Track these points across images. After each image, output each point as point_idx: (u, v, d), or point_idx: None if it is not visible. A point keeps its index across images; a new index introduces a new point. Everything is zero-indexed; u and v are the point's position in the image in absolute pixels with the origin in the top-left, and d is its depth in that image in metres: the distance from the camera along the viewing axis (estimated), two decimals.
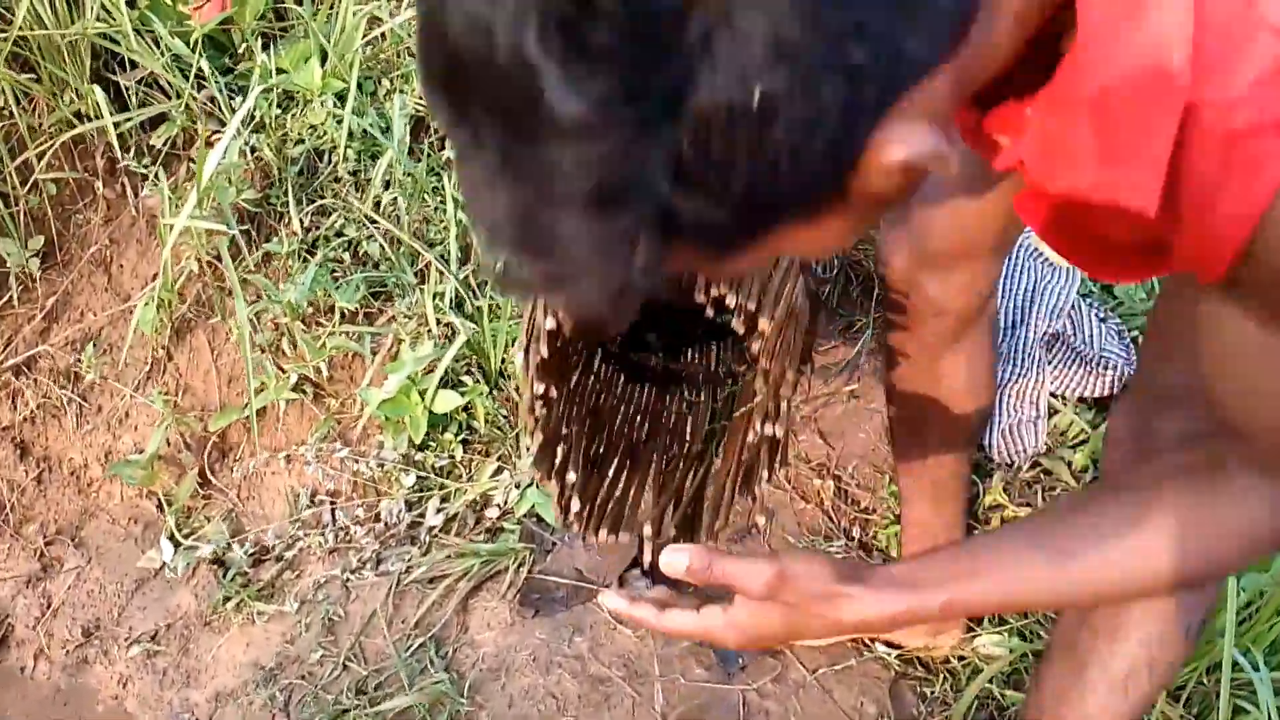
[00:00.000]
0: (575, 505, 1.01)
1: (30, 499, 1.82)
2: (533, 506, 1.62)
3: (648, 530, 1.01)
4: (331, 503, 1.72)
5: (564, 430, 1.07)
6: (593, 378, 1.20)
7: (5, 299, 1.89)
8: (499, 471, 1.66)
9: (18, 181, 1.86)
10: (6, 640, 1.69)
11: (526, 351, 0.98)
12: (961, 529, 1.40)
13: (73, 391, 1.85)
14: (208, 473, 1.80)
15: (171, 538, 1.74)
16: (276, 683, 1.51)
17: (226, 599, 1.64)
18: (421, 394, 1.64)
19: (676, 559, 0.75)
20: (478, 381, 1.68)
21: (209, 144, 1.73)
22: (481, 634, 1.50)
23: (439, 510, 1.65)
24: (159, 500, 1.79)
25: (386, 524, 1.67)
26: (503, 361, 1.70)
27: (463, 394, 1.65)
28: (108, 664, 1.64)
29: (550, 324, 0.95)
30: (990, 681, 1.39)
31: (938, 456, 1.31)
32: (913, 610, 0.73)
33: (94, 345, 1.86)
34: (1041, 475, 1.59)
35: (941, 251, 1.11)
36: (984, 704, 1.39)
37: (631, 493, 1.10)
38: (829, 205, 0.54)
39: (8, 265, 1.88)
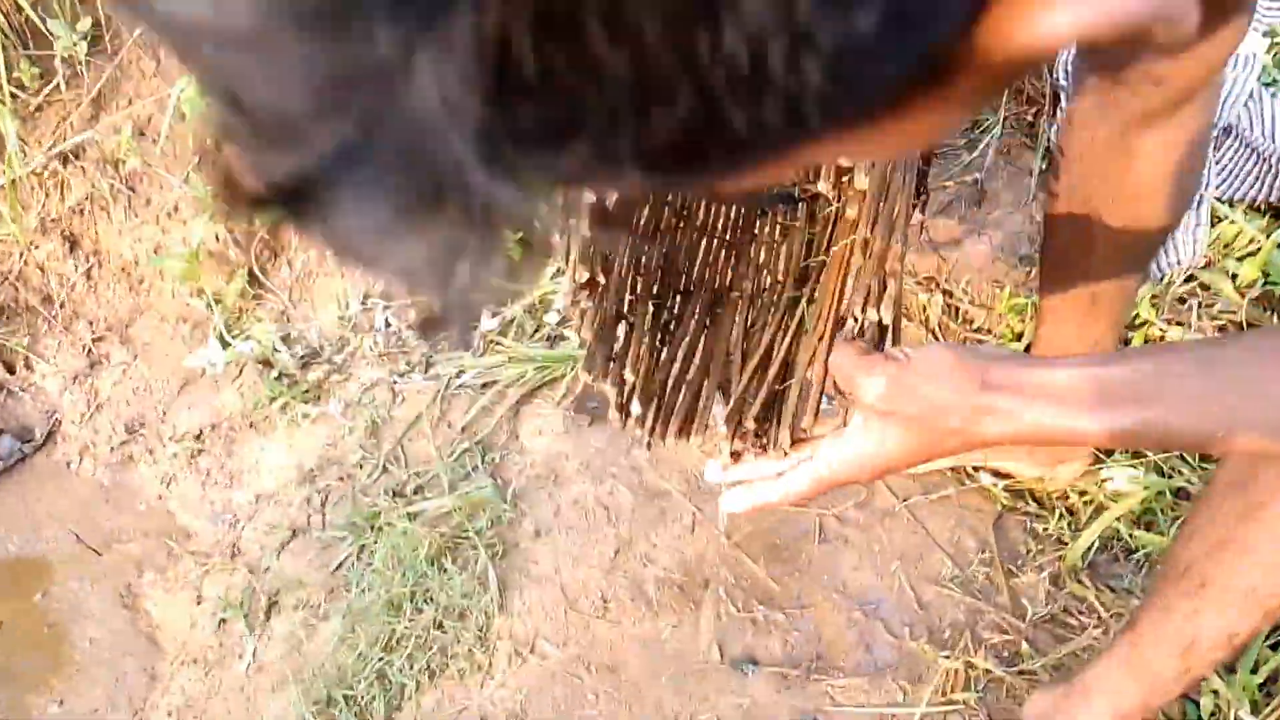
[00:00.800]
0: (636, 408, 0.80)
1: (80, 294, 1.74)
2: None
3: (724, 427, 0.80)
4: (385, 305, 1.58)
5: (624, 301, 0.85)
6: (666, 209, 0.98)
7: (53, 84, 1.78)
8: (559, 274, 1.49)
9: None
10: (53, 435, 1.62)
11: (564, 234, 0.78)
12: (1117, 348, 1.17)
13: (121, 183, 1.74)
14: (257, 273, 1.68)
15: (220, 337, 1.64)
16: (314, 484, 1.40)
17: (272, 399, 1.54)
18: None
19: None
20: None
21: None
22: (532, 440, 1.35)
23: (494, 314, 1.50)
24: (208, 300, 1.68)
25: None
26: None
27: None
28: (151, 462, 1.56)
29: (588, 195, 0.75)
30: (1118, 520, 1.18)
31: (1107, 263, 1.06)
32: (1074, 431, 0.61)
33: (142, 133, 1.74)
34: (1199, 290, 1.33)
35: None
36: (1107, 545, 1.18)
37: (706, 375, 0.88)
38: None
39: (54, 48, 1.76)
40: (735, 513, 0.74)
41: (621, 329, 0.81)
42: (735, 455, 0.75)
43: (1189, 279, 1.35)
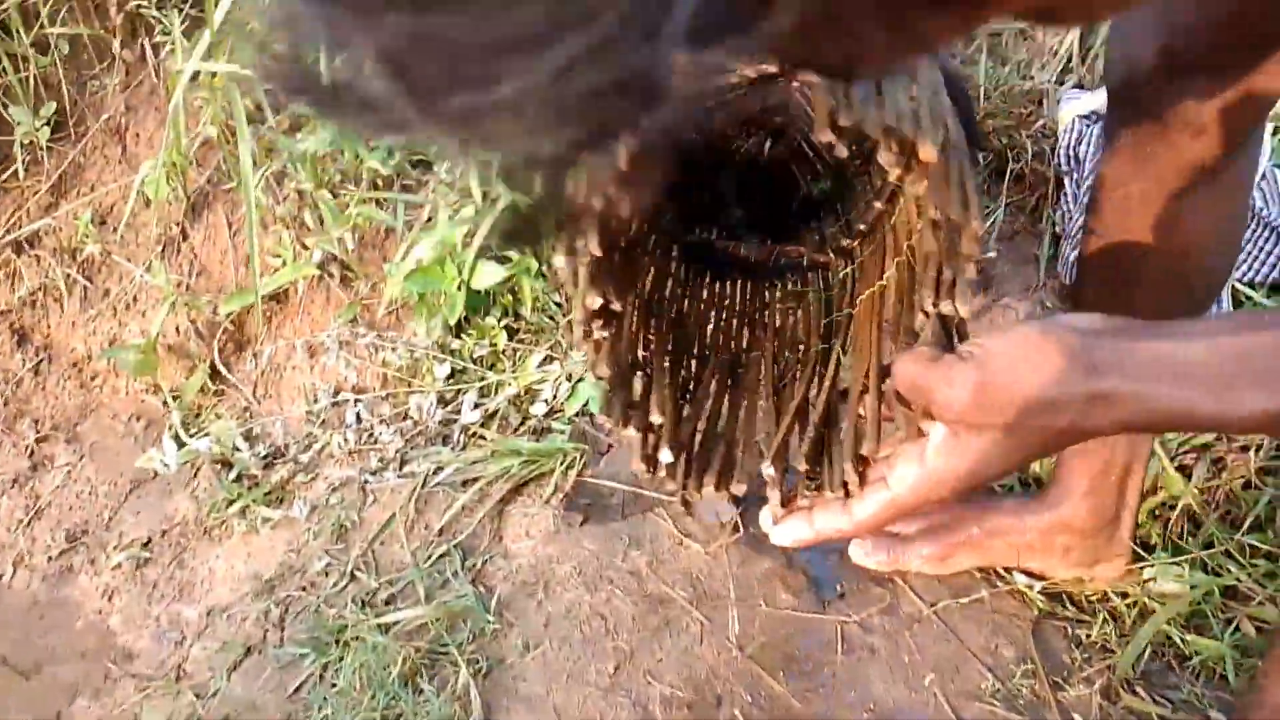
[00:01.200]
0: (666, 455, 0.70)
1: (26, 391, 1.61)
2: (586, 404, 1.35)
3: (770, 471, 0.69)
4: (355, 399, 1.47)
5: (638, 354, 0.77)
6: (670, 280, 0.90)
7: (10, 171, 1.69)
8: (547, 362, 1.39)
9: (29, 41, 1.66)
10: None
11: (571, 253, 0.69)
12: (1148, 447, 1.08)
13: (77, 272, 1.64)
14: (220, 366, 1.57)
15: (176, 437, 1.52)
16: (273, 595, 1.26)
17: (229, 503, 1.40)
18: (460, 268, 1.37)
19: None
20: (525, 255, 1.41)
21: None
22: (518, 543, 1.22)
23: (476, 405, 1.39)
24: (165, 396, 1.56)
25: (415, 421, 1.41)
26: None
27: (507, 269, 1.38)
28: (93, 574, 1.41)
29: (598, 203, 0.66)
30: (1167, 624, 1.06)
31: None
32: (1217, 417, 0.51)
33: (104, 221, 1.65)
34: None
35: (1208, 49, 0.79)
36: (1159, 652, 1.07)
37: (739, 426, 0.79)
38: None
39: (14, 134, 1.68)
40: (787, 546, 0.64)
41: (639, 380, 0.71)
42: (787, 503, 0.64)
43: None
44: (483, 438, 1.36)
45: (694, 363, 0.83)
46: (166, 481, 1.48)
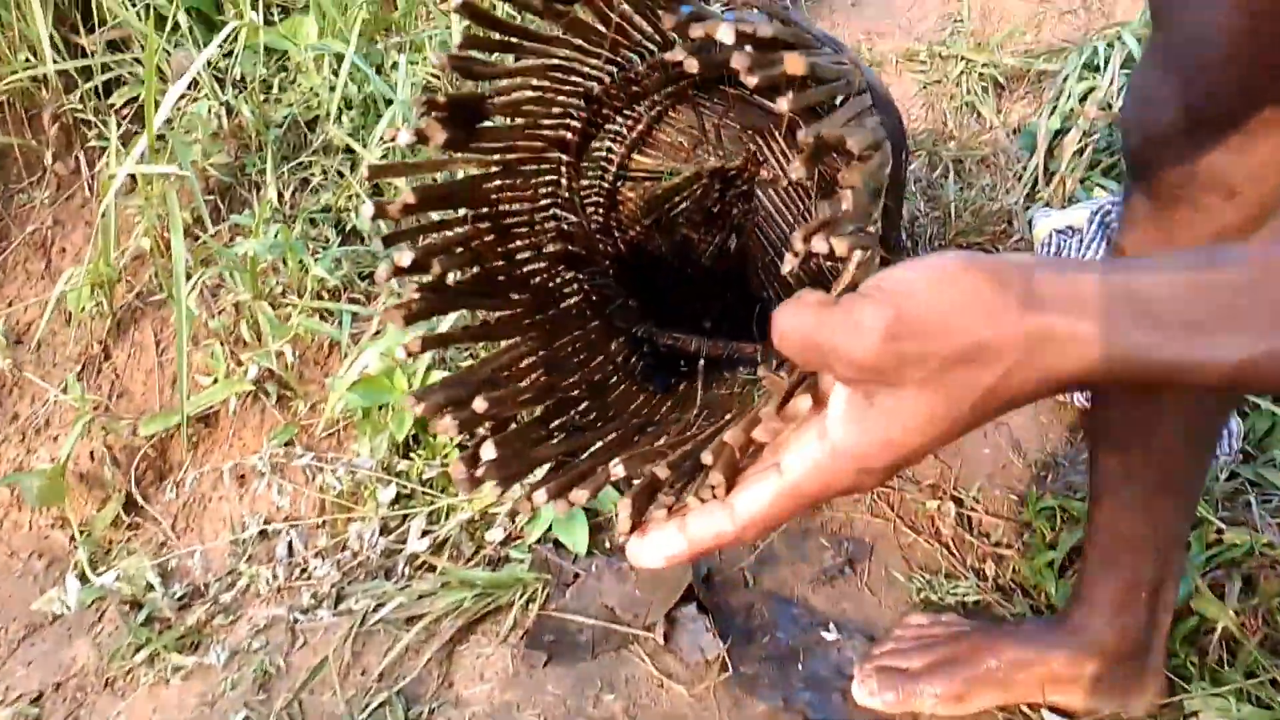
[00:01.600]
0: (489, 451, 0.54)
1: None
2: (549, 529, 1.21)
3: (619, 469, 0.54)
4: (289, 529, 1.31)
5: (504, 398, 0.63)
6: (603, 359, 0.80)
7: None
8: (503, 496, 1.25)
9: None
10: None
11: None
12: (1180, 559, 0.97)
13: None
14: (137, 496, 1.41)
15: (81, 574, 1.34)
16: None
17: (137, 649, 1.22)
18: (410, 379, 1.25)
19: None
20: (474, 358, 1.30)
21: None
22: (471, 688, 1.06)
23: (424, 533, 1.24)
24: (73, 530, 1.39)
25: (354, 552, 1.26)
26: None
27: None
28: None
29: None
30: None
31: (1179, 429, 0.87)
32: (1181, 363, 0.39)
33: (19, 340, 1.51)
34: (1246, 486, 1.16)
35: (1234, 107, 0.72)
36: None
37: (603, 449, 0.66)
38: None
39: None
40: (655, 566, 0.48)
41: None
42: (638, 527, 0.50)
43: (1231, 475, 1.18)
44: (431, 568, 1.21)
45: (589, 417, 0.71)
46: (66, 625, 1.29)
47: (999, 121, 1.76)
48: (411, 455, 1.29)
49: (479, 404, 0.53)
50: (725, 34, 0.48)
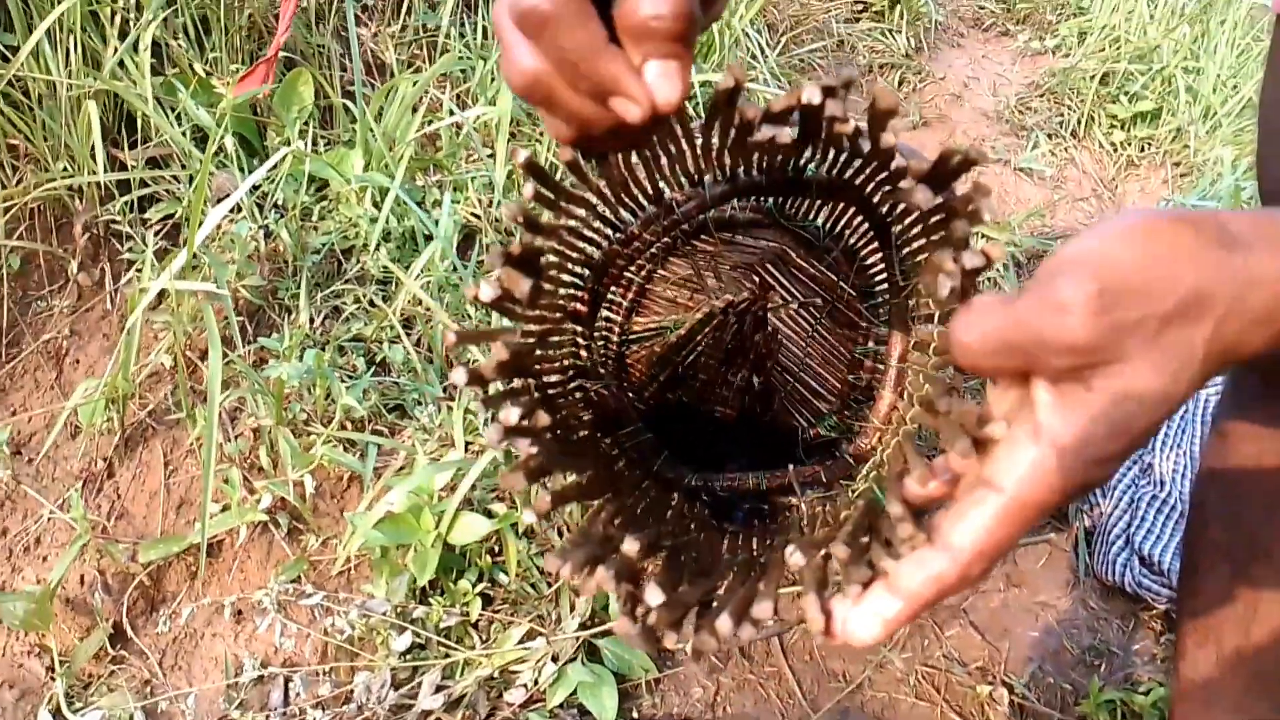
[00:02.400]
0: (655, 595, 0.49)
1: None
2: (574, 693, 1.13)
3: (799, 559, 0.49)
4: (287, 675, 1.22)
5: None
6: (668, 515, 0.77)
7: None
8: (529, 638, 1.18)
9: None
10: None
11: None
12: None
13: None
14: (126, 627, 1.31)
15: (56, 710, 1.23)
16: None
17: None
18: (437, 519, 1.19)
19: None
20: (513, 508, 1.24)
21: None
22: None
23: (438, 688, 1.15)
24: (52, 659, 1.29)
25: (360, 705, 1.16)
26: None
27: (493, 523, 1.20)
28: None
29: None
30: None
31: (1270, 616, 0.83)
32: None
33: (18, 451, 1.44)
34: None
35: None
36: None
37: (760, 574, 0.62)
38: None
39: None
40: (873, 639, 0.41)
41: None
42: (828, 618, 0.43)
43: None
44: None
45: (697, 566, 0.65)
46: None
47: None
48: (430, 601, 1.21)
49: (629, 545, 0.48)
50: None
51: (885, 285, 0.83)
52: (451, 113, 1.69)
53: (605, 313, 0.90)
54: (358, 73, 1.69)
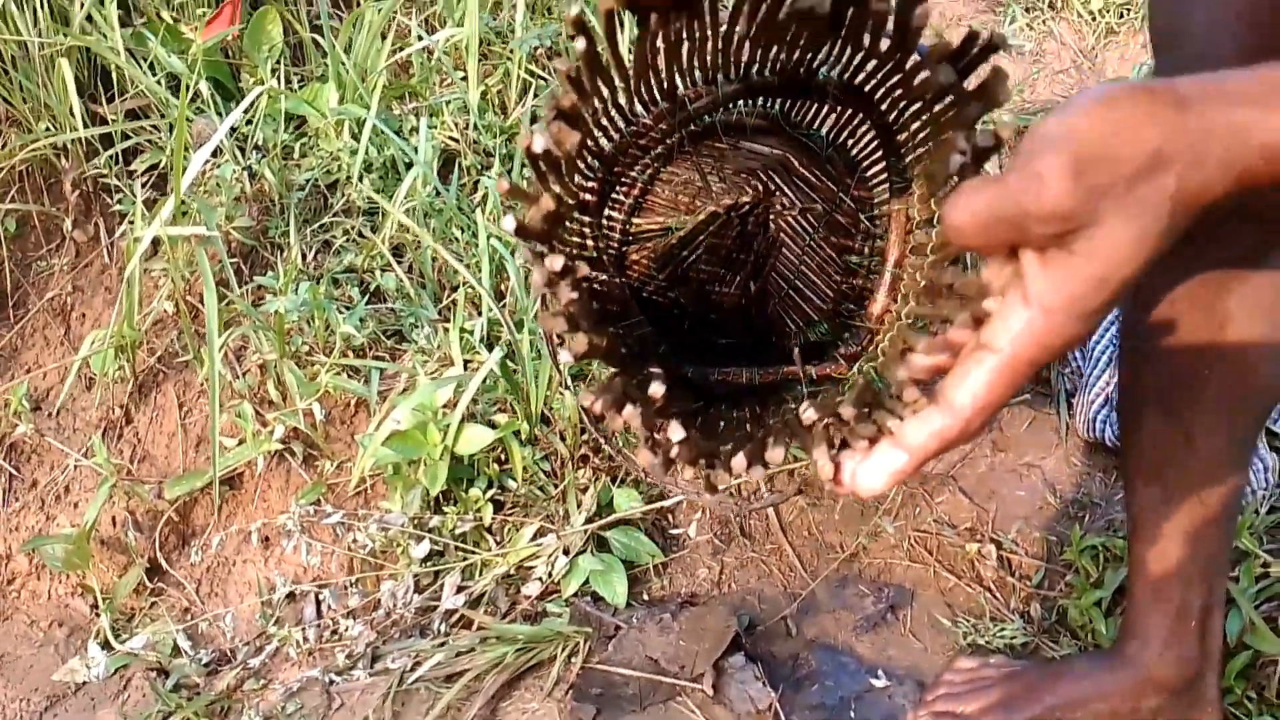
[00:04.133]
0: (677, 431, 0.53)
1: None
2: (587, 581, 1.19)
3: (811, 414, 0.53)
4: (317, 590, 1.29)
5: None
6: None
7: None
8: (540, 535, 1.24)
9: None
10: None
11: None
12: (1223, 584, 0.96)
13: (4, 459, 1.46)
14: (161, 561, 1.38)
15: (104, 643, 1.31)
16: None
17: (166, 716, 1.19)
18: (443, 432, 1.25)
19: None
20: (514, 418, 1.29)
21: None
22: None
23: (459, 589, 1.22)
24: (95, 596, 1.36)
25: (388, 611, 1.23)
26: (546, 404, 1.32)
27: (497, 432, 1.25)
28: None
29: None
30: None
31: (1213, 459, 0.88)
32: None
33: (38, 406, 1.50)
34: None
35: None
36: None
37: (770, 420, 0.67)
38: None
39: None
40: (881, 489, 0.46)
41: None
42: (837, 468, 0.48)
43: (1271, 509, 1.18)
44: (468, 625, 1.19)
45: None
46: (90, 695, 1.26)
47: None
48: (443, 511, 1.27)
49: (656, 388, 0.52)
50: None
51: (885, 196, 0.85)
52: (420, 38, 1.70)
53: (609, 211, 0.93)
54: (324, 5, 1.70)
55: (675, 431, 0.50)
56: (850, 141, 0.86)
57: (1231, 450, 0.90)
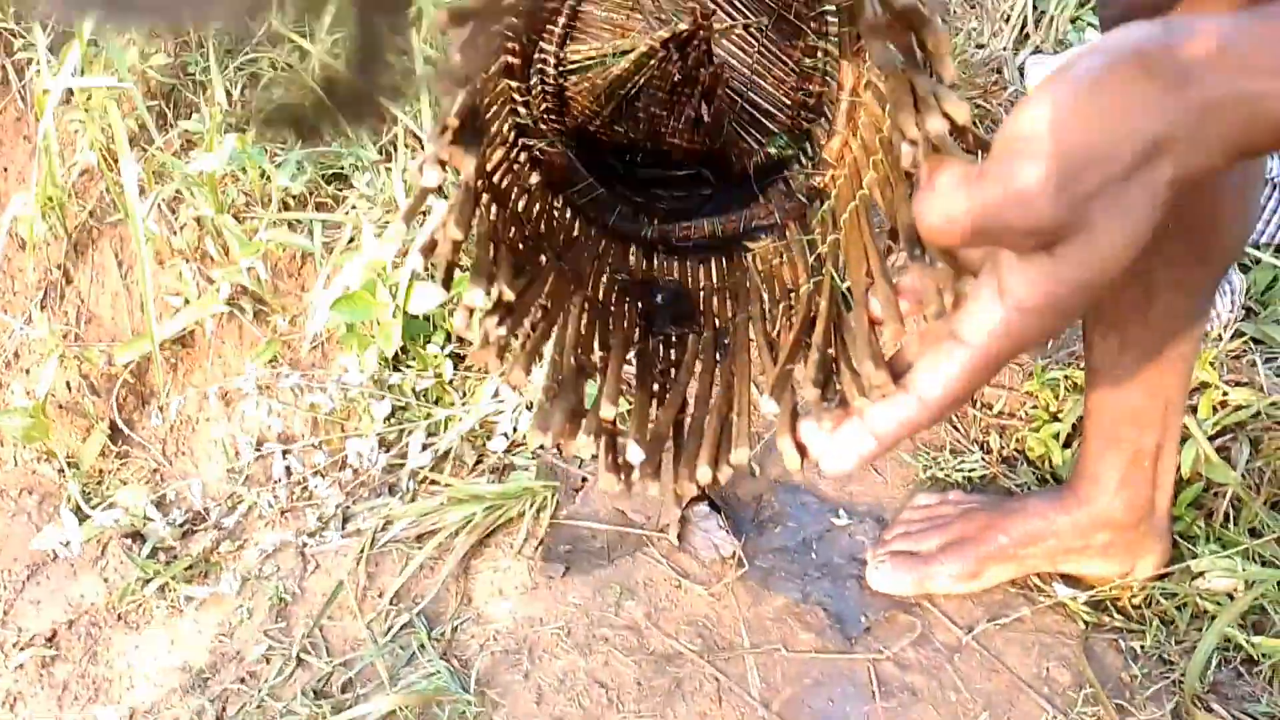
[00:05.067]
0: (635, 454, 0.50)
1: None
2: None
3: (773, 406, 0.51)
4: (283, 449, 1.29)
5: (582, 356, 0.60)
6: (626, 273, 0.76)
7: None
8: (503, 390, 1.23)
9: None
10: None
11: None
12: (1178, 423, 0.96)
13: None
14: (121, 424, 1.37)
15: (76, 510, 1.32)
16: (206, 690, 1.08)
17: (145, 581, 1.21)
18: (393, 291, 1.21)
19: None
20: (467, 271, 1.25)
21: None
22: (491, 604, 1.06)
23: (425, 447, 1.22)
24: (60, 463, 1.36)
25: (355, 470, 1.24)
26: None
27: (449, 288, 1.21)
28: None
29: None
30: (1229, 627, 0.96)
31: (1171, 306, 0.86)
32: None
33: None
34: (1250, 345, 1.15)
35: None
36: (1226, 659, 0.96)
37: (733, 394, 0.64)
38: None
39: None
40: (847, 468, 0.45)
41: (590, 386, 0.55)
42: (801, 449, 0.46)
43: (1236, 334, 1.17)
44: (435, 483, 1.19)
45: (670, 350, 0.69)
46: (69, 563, 1.28)
47: None
48: (402, 368, 1.25)
49: (607, 410, 0.50)
50: None
51: None
52: None
53: (541, 44, 0.86)
54: None
55: (633, 454, 0.48)
56: None
57: (1190, 303, 0.88)
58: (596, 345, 0.63)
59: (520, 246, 0.63)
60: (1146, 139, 0.35)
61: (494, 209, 0.62)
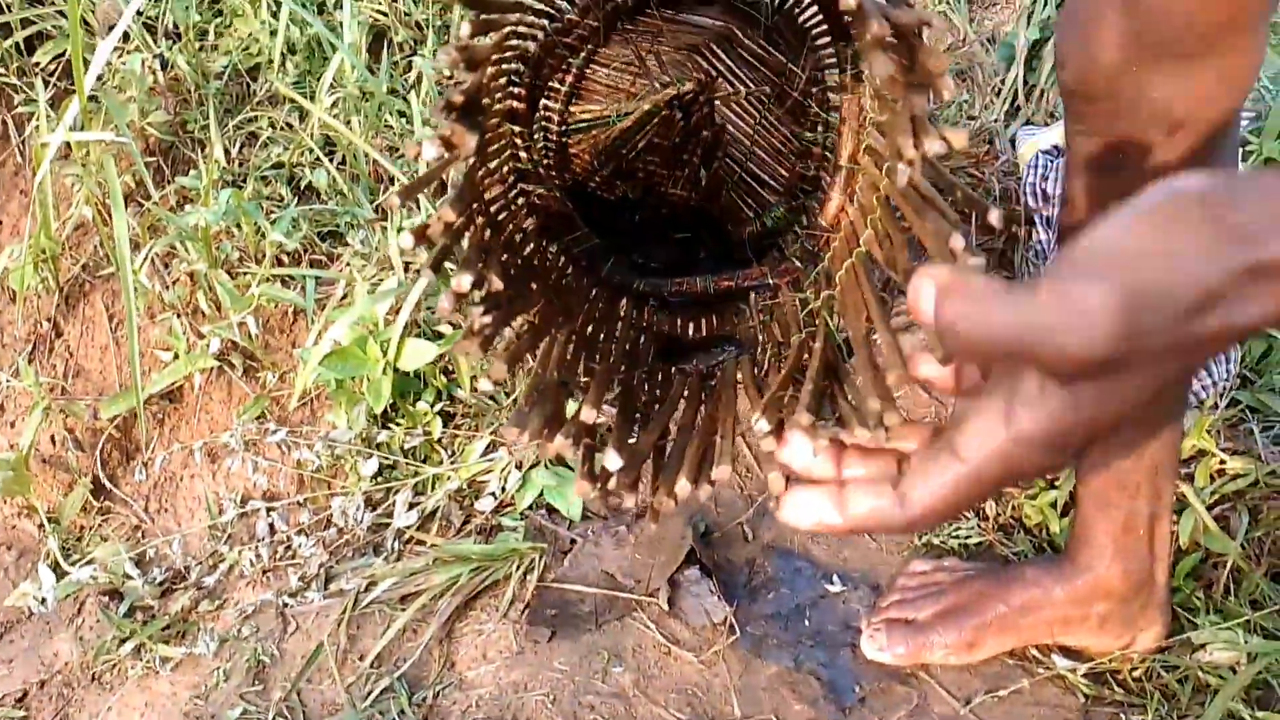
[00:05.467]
0: (614, 460, 0.48)
1: None
2: (541, 494, 1.17)
3: (764, 425, 0.50)
4: (267, 507, 1.27)
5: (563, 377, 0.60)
6: (620, 324, 0.76)
7: None
8: (492, 449, 1.21)
9: None
10: None
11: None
12: (1170, 490, 0.95)
13: None
14: (104, 480, 1.35)
15: (55, 566, 1.29)
16: None
17: (121, 641, 1.18)
18: (383, 347, 1.20)
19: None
20: (457, 329, 1.24)
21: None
22: (475, 668, 1.04)
23: (411, 505, 1.20)
24: (41, 518, 1.34)
25: (340, 529, 1.22)
26: None
27: (440, 345, 1.21)
28: None
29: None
30: (1232, 702, 0.93)
31: None
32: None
33: None
34: (1247, 413, 1.14)
35: (1179, 31, 0.69)
36: None
37: (718, 412, 0.63)
38: None
39: None
40: (802, 527, 0.43)
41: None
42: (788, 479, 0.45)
43: (1232, 403, 1.17)
44: (421, 543, 1.17)
45: (656, 388, 0.68)
46: (44, 620, 1.25)
47: (974, 33, 1.70)
48: (391, 425, 1.24)
49: (587, 414, 0.49)
50: None
51: (836, 72, 0.79)
52: None
53: (544, 100, 0.87)
54: None
55: (611, 460, 0.47)
56: (797, 10, 0.79)
57: None
58: (581, 371, 0.62)
59: (511, 272, 0.63)
60: (1202, 287, 0.34)
61: (487, 233, 0.61)
